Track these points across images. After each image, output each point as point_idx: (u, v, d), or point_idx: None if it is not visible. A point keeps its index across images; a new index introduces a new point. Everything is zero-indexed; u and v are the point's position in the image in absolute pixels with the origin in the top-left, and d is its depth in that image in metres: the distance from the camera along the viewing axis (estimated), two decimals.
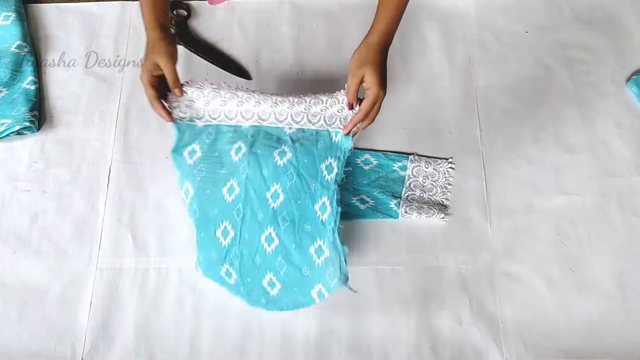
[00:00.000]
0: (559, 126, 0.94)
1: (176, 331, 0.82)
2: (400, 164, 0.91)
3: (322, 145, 0.82)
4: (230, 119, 0.84)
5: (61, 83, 1.00)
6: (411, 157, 0.92)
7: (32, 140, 0.95)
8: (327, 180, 0.80)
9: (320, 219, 0.78)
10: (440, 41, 1.01)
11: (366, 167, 0.91)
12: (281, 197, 0.79)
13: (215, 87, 0.83)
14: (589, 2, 1.04)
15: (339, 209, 0.78)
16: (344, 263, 0.75)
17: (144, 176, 0.92)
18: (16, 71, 0.99)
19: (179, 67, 1.00)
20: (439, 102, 0.96)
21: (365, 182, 0.90)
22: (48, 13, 1.07)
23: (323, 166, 0.81)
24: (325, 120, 0.83)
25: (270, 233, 0.79)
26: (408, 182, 0.90)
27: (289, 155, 0.81)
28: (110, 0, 1.07)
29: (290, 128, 0.84)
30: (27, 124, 0.92)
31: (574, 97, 0.96)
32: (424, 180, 0.90)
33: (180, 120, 0.83)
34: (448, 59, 1.00)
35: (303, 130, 0.83)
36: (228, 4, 1.06)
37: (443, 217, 0.87)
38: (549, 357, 0.80)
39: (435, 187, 0.90)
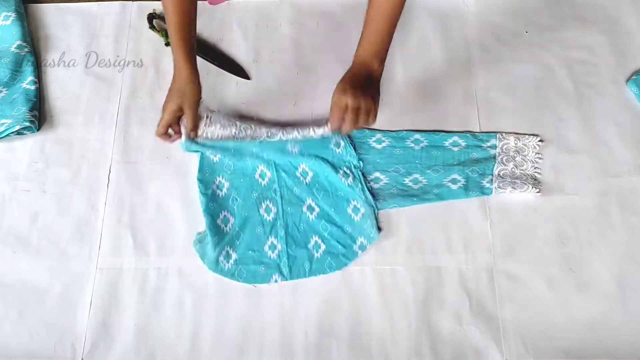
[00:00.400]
0: (559, 126, 0.94)
1: (176, 331, 0.82)
2: (489, 143, 0.92)
3: (320, 137, 0.90)
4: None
5: (61, 83, 1.00)
6: (499, 135, 0.92)
7: (32, 140, 0.95)
8: (339, 153, 0.91)
9: (347, 185, 0.88)
10: (440, 41, 1.01)
11: (455, 149, 0.91)
12: (310, 174, 0.90)
13: (220, 125, 0.90)
14: (589, 2, 1.04)
15: (360, 172, 0.89)
16: (375, 219, 0.86)
17: (144, 176, 0.92)
18: (16, 71, 0.99)
19: None
20: (439, 102, 0.96)
21: (454, 163, 0.91)
22: (48, 13, 1.07)
23: (331, 145, 0.91)
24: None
25: (310, 203, 0.89)
26: (500, 158, 0.90)
27: (297, 148, 0.90)
28: (110, 0, 1.07)
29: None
30: (27, 124, 0.93)
31: (574, 97, 0.96)
32: (515, 155, 0.90)
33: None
34: (448, 59, 1.00)
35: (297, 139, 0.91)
36: (228, 4, 1.06)
37: (538, 192, 0.87)
38: (549, 357, 0.80)
39: (526, 162, 0.90)
